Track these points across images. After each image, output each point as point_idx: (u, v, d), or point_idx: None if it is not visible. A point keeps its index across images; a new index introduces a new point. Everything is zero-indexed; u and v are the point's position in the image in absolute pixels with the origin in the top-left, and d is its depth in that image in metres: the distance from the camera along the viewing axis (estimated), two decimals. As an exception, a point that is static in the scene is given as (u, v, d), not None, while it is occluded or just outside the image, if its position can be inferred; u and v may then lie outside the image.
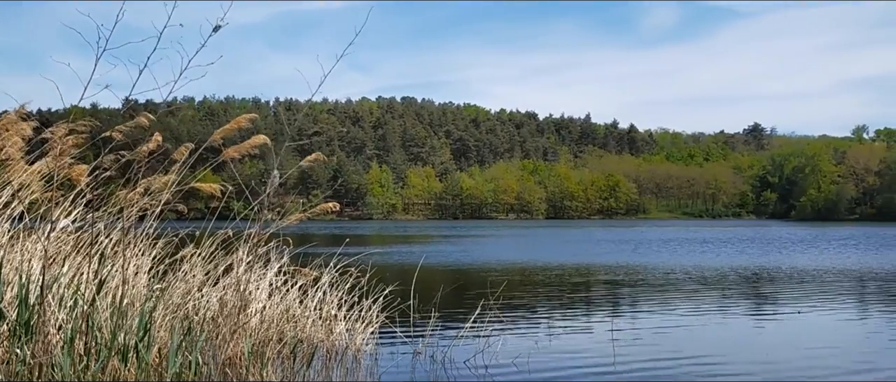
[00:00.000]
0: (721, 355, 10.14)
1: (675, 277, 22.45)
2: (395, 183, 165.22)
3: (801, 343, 11.47)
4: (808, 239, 51.47)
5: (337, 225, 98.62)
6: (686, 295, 17.66)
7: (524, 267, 26.45)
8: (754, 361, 9.79)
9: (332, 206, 8.70)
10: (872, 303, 16.68)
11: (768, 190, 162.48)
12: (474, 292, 17.03)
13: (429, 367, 9.17)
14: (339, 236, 43.58)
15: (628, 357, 9.84)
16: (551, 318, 13.64)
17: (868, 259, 30.86)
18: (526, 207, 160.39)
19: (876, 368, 9.40)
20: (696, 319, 13.71)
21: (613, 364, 9.41)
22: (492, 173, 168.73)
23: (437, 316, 10.48)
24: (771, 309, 15.37)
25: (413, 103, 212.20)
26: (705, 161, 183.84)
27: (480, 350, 9.72)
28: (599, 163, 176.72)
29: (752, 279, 22.19)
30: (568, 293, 18.09)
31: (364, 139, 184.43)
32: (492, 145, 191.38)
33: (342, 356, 9.27)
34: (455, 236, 59.14)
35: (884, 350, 10.90)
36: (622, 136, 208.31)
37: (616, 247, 40.55)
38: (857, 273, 24.02)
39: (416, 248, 39.98)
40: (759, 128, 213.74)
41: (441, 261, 29.16)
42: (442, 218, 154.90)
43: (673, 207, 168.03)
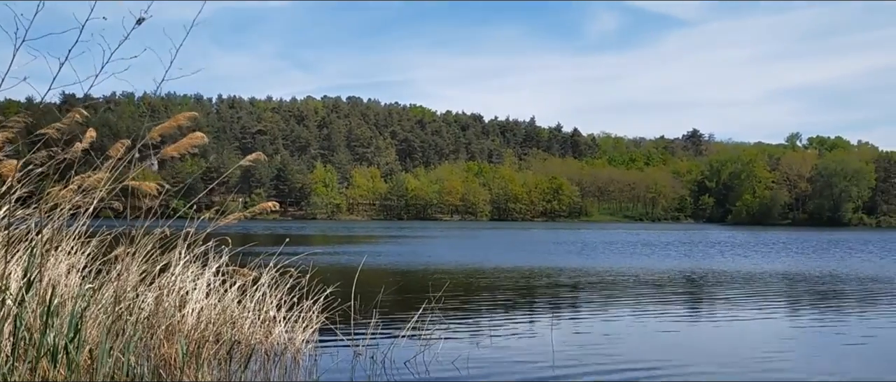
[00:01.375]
0: (660, 356, 10.32)
1: (616, 279, 22.81)
2: (340, 183, 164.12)
3: (738, 344, 11.79)
4: (747, 243, 52.88)
5: (280, 225, 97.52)
6: (627, 297, 17.97)
7: (467, 268, 26.57)
8: (692, 362, 10.00)
9: (272, 206, 8.63)
10: (805, 305, 17.21)
11: (706, 194, 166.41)
12: (416, 293, 17.06)
13: (369, 368, 9.16)
14: (282, 236, 43.06)
15: (568, 359, 9.97)
16: (493, 319, 13.72)
17: (802, 263, 31.87)
18: (470, 209, 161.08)
19: (809, 369, 9.74)
20: (636, 321, 13.97)
21: (553, 366, 9.53)
22: (437, 174, 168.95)
23: (378, 317, 10.47)
24: (708, 311, 15.75)
25: (359, 103, 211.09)
26: (646, 165, 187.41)
27: (421, 351, 9.74)
28: (543, 166, 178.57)
29: (692, 281, 22.70)
30: (510, 294, 18.24)
31: (308, 138, 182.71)
32: (437, 146, 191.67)
33: (281, 357, 9.19)
34: (399, 237, 59.06)
35: (815, 351, 11.28)
36: (566, 140, 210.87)
37: (559, 249, 41.04)
38: (791, 276, 24.78)
39: (360, 249, 39.80)
40: (697, 134, 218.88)
41: (384, 262, 29.10)
42: (387, 219, 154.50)
43: (614, 210, 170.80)
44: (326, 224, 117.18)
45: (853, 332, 12.95)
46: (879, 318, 14.90)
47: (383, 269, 25.41)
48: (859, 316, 15.23)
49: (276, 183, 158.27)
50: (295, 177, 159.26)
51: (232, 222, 8.54)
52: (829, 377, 9.24)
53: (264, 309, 9.75)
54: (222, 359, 8.37)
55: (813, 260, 33.87)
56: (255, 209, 9.01)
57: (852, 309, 16.25)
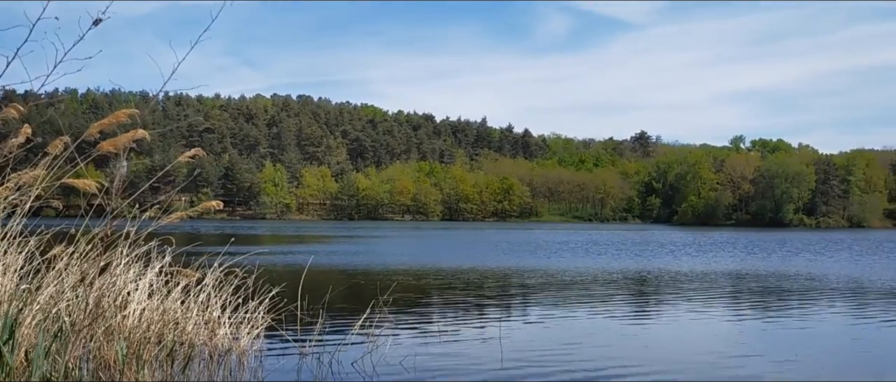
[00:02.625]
0: (608, 356, 10.45)
1: (567, 279, 23.04)
2: (290, 182, 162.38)
3: (687, 342, 12.01)
4: (695, 242, 53.90)
5: (227, 225, 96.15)
6: (577, 298, 18.14)
7: (417, 268, 26.56)
8: (641, 362, 10.13)
9: (216, 205, 8.47)
10: (751, 304, 17.61)
11: (653, 195, 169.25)
12: (365, 294, 16.99)
13: (315, 369, 9.09)
14: (229, 235, 42.39)
15: (517, 359, 10.01)
16: (442, 320, 13.73)
17: (749, 262, 32.63)
18: (422, 208, 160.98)
19: (756, 366, 9.97)
20: (585, 321, 14.13)
21: (501, 366, 9.56)
22: (388, 174, 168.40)
23: (325, 318, 10.39)
24: (657, 311, 15.98)
25: (309, 102, 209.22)
26: (595, 166, 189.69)
27: (368, 352, 9.69)
28: (494, 167, 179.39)
29: (641, 281, 23.05)
30: (461, 295, 18.25)
31: (258, 137, 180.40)
32: (389, 146, 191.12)
33: (225, 358, 9.06)
34: (349, 237, 58.75)
35: (758, 348, 11.56)
36: (517, 141, 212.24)
37: (510, 250, 41.27)
38: (739, 275, 25.35)
39: (308, 249, 39.48)
40: (645, 135, 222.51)
41: (333, 262, 28.91)
42: (337, 219, 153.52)
43: (564, 211, 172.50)
44: (276, 224, 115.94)
45: (796, 328, 13.31)
46: (822, 315, 15.35)
47: (332, 269, 25.24)
48: (802, 312, 15.65)
49: (224, 182, 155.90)
50: (243, 177, 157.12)
51: (174, 221, 8.37)
52: (776, 374, 9.47)
53: (209, 309, 9.60)
54: (164, 361, 8.21)
55: (760, 259, 34.70)
56: (197, 208, 8.84)
57: (795, 307, 16.69)
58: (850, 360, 10.76)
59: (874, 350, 11.63)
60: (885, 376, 9.70)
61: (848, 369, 10.05)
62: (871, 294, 19.97)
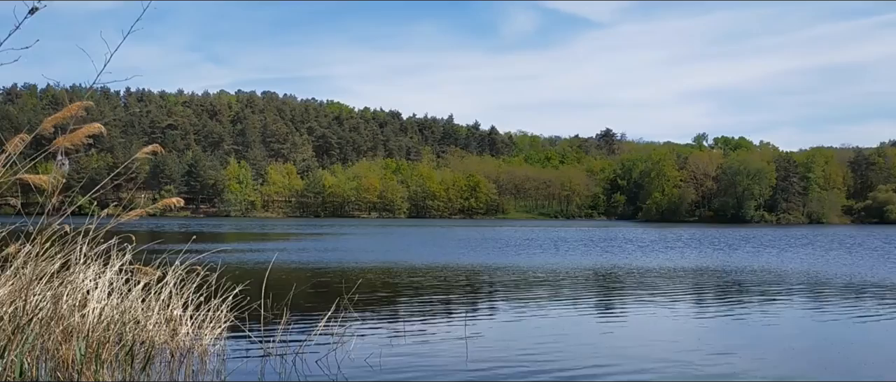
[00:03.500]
0: (573, 353, 10.48)
1: (533, 276, 23.13)
2: (255, 179, 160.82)
3: (650, 340, 12.10)
4: (661, 239, 54.49)
5: (191, 222, 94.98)
6: (544, 295, 18.19)
7: (384, 266, 26.48)
8: (606, 359, 10.18)
9: (176, 202, 8.34)
10: (714, 300, 17.84)
11: (618, 192, 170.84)
12: (331, 291, 16.89)
13: (279, 367, 9.00)
14: (192, 233, 41.89)
15: (483, 357, 10.00)
16: (409, 318, 13.69)
17: (717, 258, 33.07)
18: (388, 206, 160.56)
19: (719, 364, 10.09)
20: (551, 318, 14.16)
21: (466, 364, 9.56)
22: (354, 171, 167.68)
23: (289, 316, 10.29)
24: (621, 308, 16.03)
25: (274, 98, 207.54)
26: (561, 164, 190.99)
27: (333, 350, 9.63)
28: (461, 164, 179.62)
29: (606, 277, 23.23)
30: (427, 292, 18.22)
31: (222, 133, 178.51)
32: (355, 143, 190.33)
33: (187, 357, 8.93)
34: (315, 234, 58.39)
35: (724, 345, 11.70)
36: (483, 138, 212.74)
37: (477, 247, 41.33)
38: (705, 271, 25.68)
39: (273, 246, 39.16)
40: (610, 133, 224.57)
41: (298, 260, 28.69)
42: (303, 216, 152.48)
43: (530, 208, 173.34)
44: (240, 221, 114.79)
45: (760, 325, 13.51)
46: (785, 311, 15.60)
47: (297, 267, 25.04)
48: (766, 309, 15.88)
49: (188, 179, 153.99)
50: (207, 174, 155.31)
51: (133, 218, 8.22)
52: (744, 372, 9.60)
53: (170, 308, 9.45)
54: (124, 360, 8.07)
55: (725, 256, 35.18)
56: (157, 205, 8.69)
57: (759, 303, 16.93)
58: (815, 356, 10.94)
59: (839, 345, 11.84)
60: (851, 372, 9.88)
61: (813, 365, 10.22)
62: (831, 289, 20.36)
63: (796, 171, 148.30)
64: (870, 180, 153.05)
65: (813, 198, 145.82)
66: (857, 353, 10.98)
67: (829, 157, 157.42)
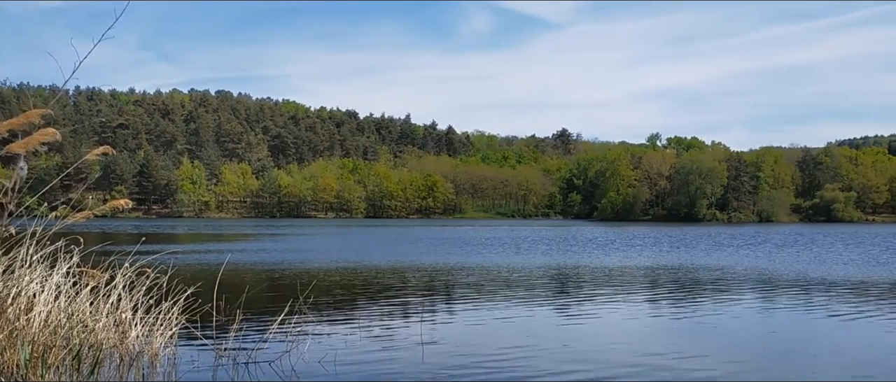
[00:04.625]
0: (529, 353, 10.50)
1: (490, 276, 23.19)
2: (209, 179, 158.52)
3: (607, 339, 12.22)
4: (620, 238, 55.12)
5: (142, 224, 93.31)
6: (501, 295, 18.19)
7: (340, 266, 26.33)
8: (561, 359, 10.24)
9: (124, 203, 8.19)
10: (668, 298, 18.13)
11: (574, 191, 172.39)
12: (285, 292, 16.75)
13: (232, 370, 8.90)
14: (143, 235, 41.13)
15: (438, 358, 10.00)
16: (364, 318, 13.63)
17: (668, 257, 33.58)
18: (345, 206, 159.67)
19: (676, 363, 10.25)
20: (508, 318, 14.21)
21: (422, 365, 9.55)
22: (311, 171, 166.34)
23: (242, 318, 10.17)
24: (580, 307, 16.06)
25: (228, 97, 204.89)
26: (518, 163, 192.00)
27: (287, 351, 9.55)
28: (418, 164, 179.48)
29: (563, 277, 23.41)
30: (383, 293, 18.18)
31: (174, 133, 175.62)
32: (311, 143, 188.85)
33: (136, 360, 8.78)
34: (270, 235, 57.80)
35: (680, 344, 11.90)
36: (441, 138, 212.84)
37: (435, 247, 41.33)
38: (658, 269, 26.07)
39: (226, 247, 38.68)
40: (566, 133, 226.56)
41: (252, 261, 28.37)
42: (258, 217, 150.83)
43: (488, 207, 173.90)
44: (193, 222, 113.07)
45: (712, 324, 13.78)
46: (738, 308, 15.93)
47: (251, 268, 24.77)
48: (720, 306, 16.18)
49: (139, 179, 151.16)
50: (159, 174, 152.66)
51: (82, 220, 8.06)
52: (705, 371, 9.77)
53: (119, 311, 9.29)
54: (71, 364, 7.90)
55: (682, 254, 35.74)
56: (104, 207, 8.53)
57: (714, 300, 17.25)
58: (771, 353, 11.18)
59: (791, 342, 12.13)
60: (804, 370, 10.13)
61: (766, 361, 10.45)
62: (782, 286, 20.84)
63: (747, 171, 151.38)
64: (817, 179, 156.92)
65: (763, 197, 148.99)
66: (810, 350, 11.27)
67: (778, 157, 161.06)
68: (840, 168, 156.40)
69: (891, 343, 11.83)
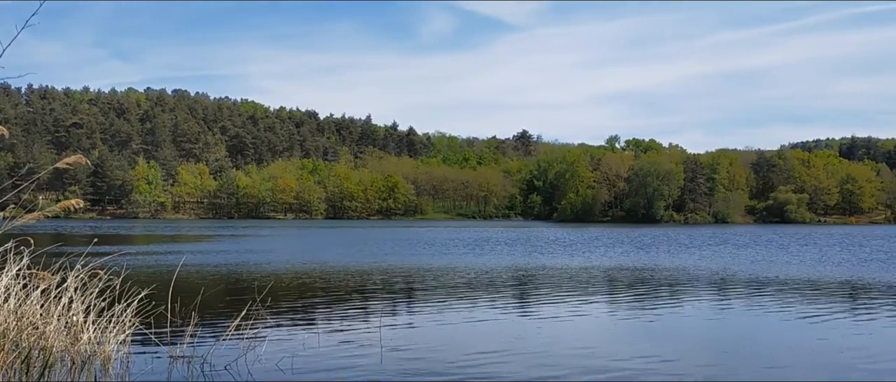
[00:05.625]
0: (486, 354, 10.51)
1: (450, 277, 23.20)
2: (165, 180, 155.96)
3: (565, 340, 12.27)
4: (582, 239, 55.54)
5: (97, 225, 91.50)
6: (460, 296, 18.19)
7: (298, 268, 26.11)
8: (520, 359, 10.25)
9: (76, 204, 8.02)
10: (627, 298, 18.33)
11: (534, 193, 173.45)
12: (242, 294, 16.55)
13: (186, 372, 8.77)
14: (100, 236, 40.31)
15: (397, 358, 9.95)
16: (322, 320, 13.54)
17: (628, 258, 33.95)
18: (305, 207, 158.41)
19: (633, 363, 10.36)
20: (467, 319, 14.21)
21: (381, 365, 9.51)
22: (270, 172, 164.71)
23: (198, 320, 10.04)
24: (540, 308, 16.13)
25: (185, 96, 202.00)
26: (479, 164, 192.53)
27: (243, 354, 9.44)
28: (379, 164, 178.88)
29: (523, 277, 23.48)
30: (343, 294, 18.07)
31: (130, 132, 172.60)
32: (270, 143, 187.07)
33: (88, 364, 8.60)
34: (227, 236, 57.11)
35: (638, 343, 12.04)
36: (401, 138, 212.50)
37: (395, 248, 41.21)
38: (616, 270, 26.33)
39: (182, 248, 38.11)
40: (526, 134, 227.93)
41: (208, 262, 27.98)
42: (216, 218, 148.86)
43: (448, 208, 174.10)
44: (149, 223, 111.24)
45: (674, 323, 13.96)
46: (695, 307, 16.17)
47: (207, 270, 24.42)
48: (678, 306, 16.42)
49: (94, 179, 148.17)
50: (114, 174, 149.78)
51: (30, 221, 7.87)
52: (658, 369, 9.88)
53: (71, 313, 9.09)
54: (20, 368, 7.71)
55: (643, 255, 36.15)
56: (54, 207, 8.34)
57: (673, 300, 17.49)
58: (727, 352, 11.37)
59: (747, 340, 12.35)
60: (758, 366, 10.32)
61: (725, 361, 10.62)
62: (738, 285, 21.21)
63: (703, 173, 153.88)
64: (771, 181, 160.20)
65: (718, 199, 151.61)
66: (769, 350, 11.48)
67: (733, 159, 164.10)
68: (793, 170, 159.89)
69: (848, 342, 12.10)
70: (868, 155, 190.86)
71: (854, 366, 9.86)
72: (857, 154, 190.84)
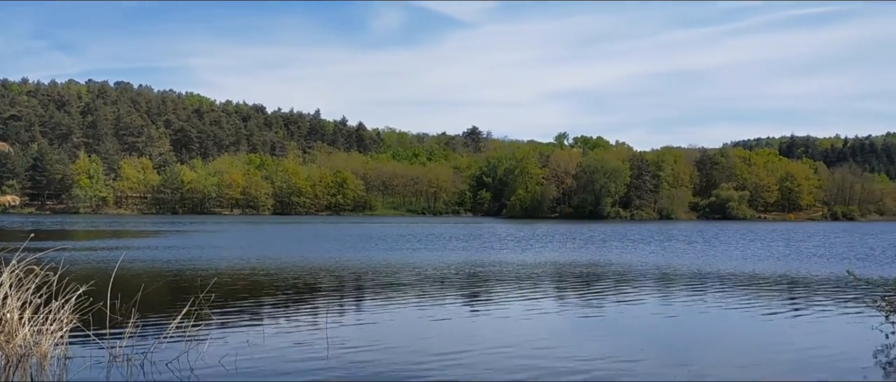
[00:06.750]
0: (431, 351, 10.49)
1: (400, 274, 23.10)
2: (107, 174, 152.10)
3: (513, 336, 12.31)
4: (529, 236, 55.93)
5: (36, 220, 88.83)
6: (409, 293, 18.10)
7: (244, 264, 25.74)
8: (466, 356, 10.23)
9: (10, 200, 7.77)
10: (574, 294, 18.50)
11: (483, 189, 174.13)
12: (185, 290, 16.25)
13: (126, 371, 8.57)
14: (38, 232, 39.16)
15: (343, 356, 9.85)
16: (268, 317, 13.36)
17: (576, 254, 34.30)
18: (252, 202, 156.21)
19: (579, 359, 10.46)
20: (414, 316, 14.17)
21: (326, 363, 9.42)
22: (216, 166, 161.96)
23: (139, 317, 9.84)
24: (487, 306, 16.19)
25: (128, 89, 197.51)
26: (428, 161, 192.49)
27: (185, 351, 9.27)
28: (328, 160, 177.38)
29: (472, 274, 23.48)
30: (290, 291, 17.85)
31: (71, 125, 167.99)
32: (216, 137, 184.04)
33: (23, 362, 8.35)
34: (170, 231, 56.01)
35: (588, 343, 12.15)
36: (351, 134, 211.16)
37: (343, 244, 40.94)
38: (564, 265, 26.58)
39: (123, 244, 37.24)
40: (476, 131, 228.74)
41: (150, 258, 27.35)
42: (160, 213, 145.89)
43: (398, 204, 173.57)
44: (90, 218, 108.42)
45: (614, 313, 14.15)
46: (642, 301, 16.43)
47: (149, 266, 23.89)
48: (625, 299, 16.65)
49: (32, 173, 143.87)
50: (54, 168, 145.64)
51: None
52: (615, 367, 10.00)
53: (5, 310, 8.81)
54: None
55: (593, 251, 36.56)
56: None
57: (619, 294, 17.73)
58: (668, 344, 11.56)
59: (691, 333, 12.58)
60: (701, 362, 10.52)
61: (670, 354, 10.80)
62: (679, 279, 21.63)
63: (648, 170, 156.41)
64: (714, 178, 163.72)
65: (663, 195, 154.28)
66: (717, 344, 11.72)
67: (678, 157, 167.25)
68: (735, 168, 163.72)
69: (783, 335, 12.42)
70: (806, 153, 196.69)
71: (807, 360, 10.12)
72: (796, 152, 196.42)
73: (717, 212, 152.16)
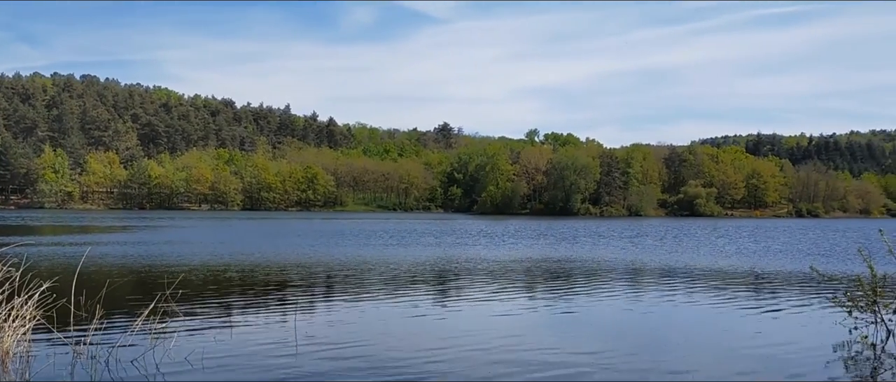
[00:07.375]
0: (401, 349, 10.46)
1: (370, 270, 23.01)
2: (72, 168, 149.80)
3: (483, 334, 12.28)
4: (501, 232, 56.04)
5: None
6: (379, 289, 17.97)
7: (211, 260, 25.47)
8: (437, 356, 10.16)
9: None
10: (544, 291, 18.57)
11: (455, 185, 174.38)
12: (151, 287, 16.04)
13: (91, 368, 8.43)
14: (1, 227, 38.37)
15: (312, 354, 9.76)
16: (236, 314, 13.21)
17: (547, 250, 34.45)
18: (220, 197, 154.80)
19: (550, 357, 10.49)
20: (385, 313, 14.07)
21: (295, 360, 9.34)
22: (184, 161, 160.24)
23: (103, 314, 9.68)
24: (458, 302, 16.14)
25: (95, 82, 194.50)
26: (400, 157, 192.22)
27: (151, 348, 9.15)
28: (298, 155, 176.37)
29: (443, 270, 23.43)
30: (258, 287, 17.70)
31: (35, 119, 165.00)
32: (184, 132, 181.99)
33: (-17, 361, 8.18)
34: (136, 227, 55.28)
35: (554, 338, 12.20)
36: (321, 129, 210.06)
37: (313, 240, 40.71)
38: (535, 261, 26.68)
39: (88, 239, 36.68)
40: (448, 127, 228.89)
41: (115, 254, 26.97)
42: (127, 208, 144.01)
43: (369, 200, 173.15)
44: (55, 213, 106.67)
45: (583, 309, 14.23)
46: (614, 297, 16.54)
47: (114, 262, 23.52)
48: (593, 296, 16.75)
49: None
50: (18, 162, 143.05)
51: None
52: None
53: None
54: None
55: (566, 247, 36.73)
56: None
57: (586, 290, 17.83)
58: (638, 340, 11.65)
59: (661, 328, 12.70)
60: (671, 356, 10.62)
61: (637, 349, 10.89)
62: (650, 275, 21.82)
63: (618, 167, 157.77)
64: (682, 176, 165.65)
65: (632, 192, 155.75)
66: (688, 341, 11.83)
67: (647, 154, 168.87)
68: (702, 165, 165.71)
69: (749, 331, 12.60)
70: (772, 151, 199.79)
71: (772, 354, 10.27)
72: (762, 150, 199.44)
73: (686, 209, 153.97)
